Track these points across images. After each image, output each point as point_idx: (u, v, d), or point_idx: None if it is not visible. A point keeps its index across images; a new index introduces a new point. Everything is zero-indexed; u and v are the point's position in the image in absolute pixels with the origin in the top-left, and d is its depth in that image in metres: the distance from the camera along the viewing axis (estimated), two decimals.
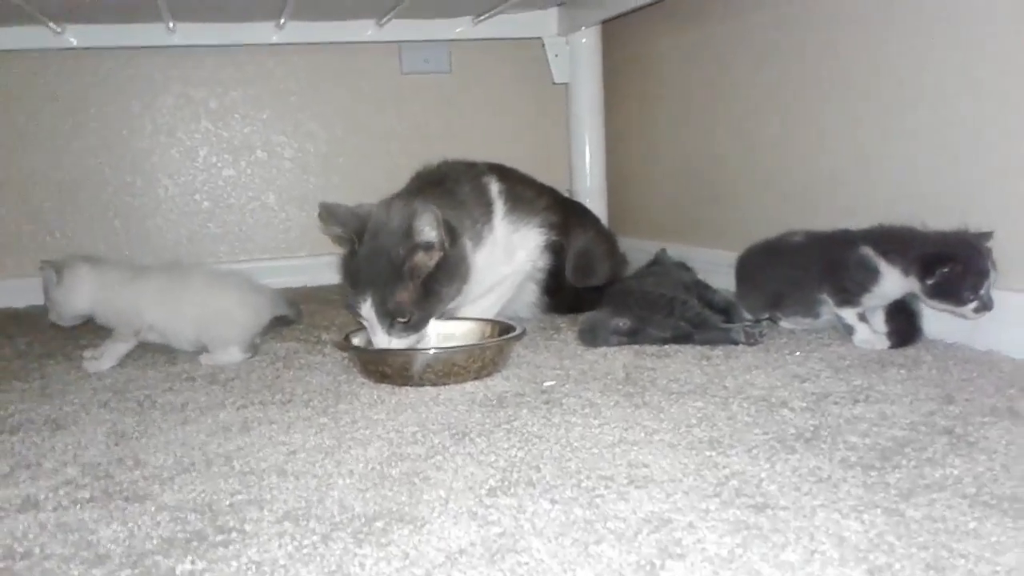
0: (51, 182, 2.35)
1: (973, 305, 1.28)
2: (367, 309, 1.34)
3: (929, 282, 1.30)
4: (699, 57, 2.09)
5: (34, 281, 2.27)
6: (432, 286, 1.36)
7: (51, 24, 2.05)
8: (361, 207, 1.43)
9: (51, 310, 1.59)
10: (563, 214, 1.82)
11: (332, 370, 1.44)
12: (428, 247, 1.35)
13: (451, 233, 1.39)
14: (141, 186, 2.42)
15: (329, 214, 1.40)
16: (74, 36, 2.15)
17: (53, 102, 2.34)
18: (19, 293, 2.28)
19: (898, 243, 1.35)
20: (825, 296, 1.43)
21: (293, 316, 1.77)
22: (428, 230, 1.34)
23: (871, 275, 1.37)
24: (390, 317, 1.33)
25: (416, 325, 1.36)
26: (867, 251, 1.38)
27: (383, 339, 1.35)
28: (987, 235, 1.31)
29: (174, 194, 2.44)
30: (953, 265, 1.28)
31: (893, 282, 1.36)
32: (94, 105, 2.37)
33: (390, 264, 1.33)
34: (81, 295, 1.56)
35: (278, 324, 1.72)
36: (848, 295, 1.40)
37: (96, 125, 2.38)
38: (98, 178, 2.39)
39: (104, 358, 1.52)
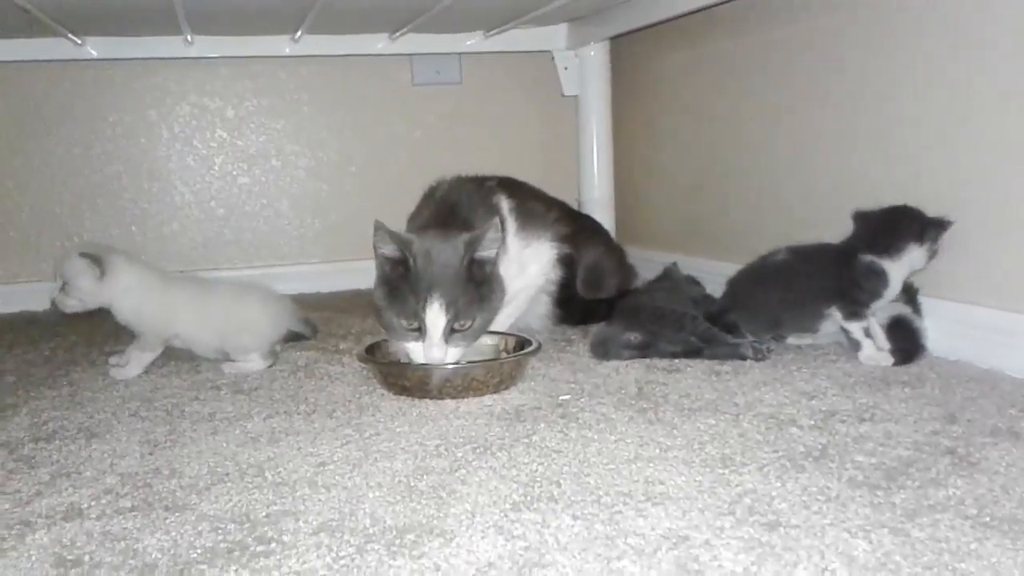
0: (70, 188, 2.40)
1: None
2: (434, 312, 1.35)
3: (939, 241, 1.43)
4: (706, 72, 2.13)
5: (51, 285, 2.34)
6: (487, 294, 1.42)
7: (72, 36, 2.10)
8: (402, 233, 1.48)
9: (70, 299, 1.57)
10: (573, 227, 1.87)
11: (352, 380, 1.48)
12: (485, 261, 1.42)
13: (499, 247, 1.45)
14: (158, 193, 2.47)
15: (384, 231, 1.41)
16: (94, 48, 2.20)
17: (73, 111, 2.38)
18: (38, 297, 2.33)
19: (884, 236, 1.45)
20: (832, 310, 1.48)
21: (308, 334, 1.81)
22: (494, 242, 1.41)
23: (881, 279, 1.44)
24: (455, 319, 1.36)
25: (472, 334, 1.40)
26: (867, 257, 1.45)
27: (439, 349, 1.36)
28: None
29: (190, 201, 2.49)
30: (945, 225, 1.43)
31: (899, 275, 1.45)
32: (112, 114, 2.41)
33: (455, 270, 1.38)
34: (125, 291, 1.56)
35: (292, 339, 1.76)
36: (858, 306, 1.45)
37: (114, 133, 2.42)
38: (116, 185, 2.44)
39: (131, 366, 1.56)
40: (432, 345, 1.36)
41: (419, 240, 1.43)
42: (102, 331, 1.94)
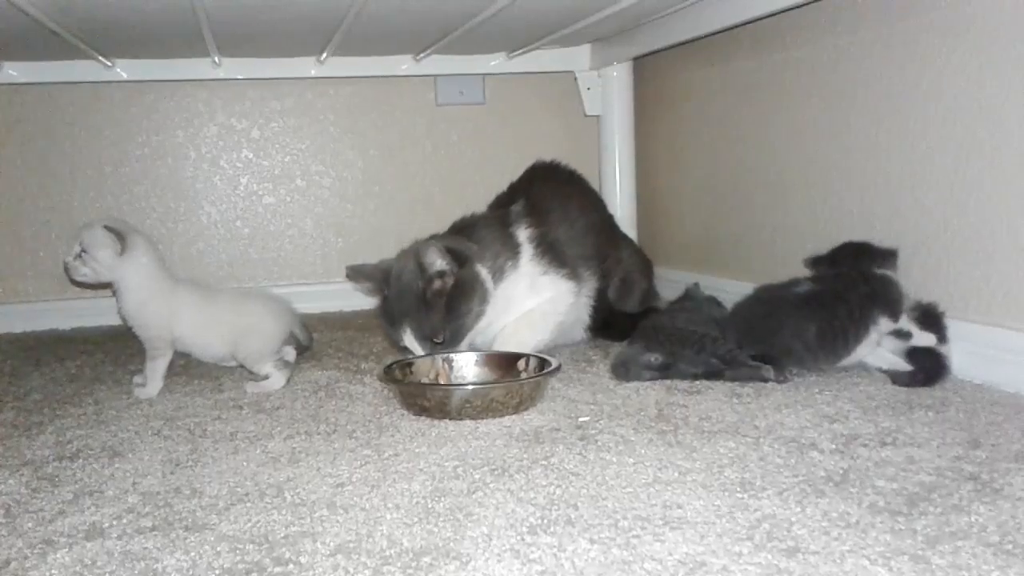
0: (99, 208, 2.43)
1: None
2: (408, 339, 1.59)
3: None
4: (729, 91, 2.13)
5: (79, 304, 2.39)
6: (453, 305, 1.58)
7: (102, 59, 2.14)
8: (383, 261, 1.68)
9: (84, 268, 1.57)
10: (605, 243, 1.93)
11: (373, 401, 1.49)
12: (441, 275, 1.58)
13: (458, 258, 1.59)
14: (184, 212, 2.50)
15: (356, 273, 1.66)
16: (124, 70, 2.24)
17: (102, 132, 2.42)
18: (66, 316, 2.38)
19: (879, 258, 1.52)
20: (883, 323, 1.47)
21: (305, 342, 1.82)
22: (438, 261, 1.57)
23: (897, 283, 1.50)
24: (428, 340, 1.57)
25: (451, 342, 1.59)
26: (884, 272, 1.50)
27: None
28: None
29: (216, 220, 2.52)
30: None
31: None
32: (140, 135, 2.45)
33: (415, 297, 1.58)
34: (136, 273, 1.58)
35: (294, 346, 1.78)
36: (900, 308, 1.48)
37: (142, 154, 2.46)
38: (143, 204, 2.47)
39: (150, 383, 1.58)
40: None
41: (396, 266, 1.62)
42: (128, 350, 1.97)
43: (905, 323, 1.47)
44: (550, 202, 1.86)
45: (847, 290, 1.48)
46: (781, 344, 1.49)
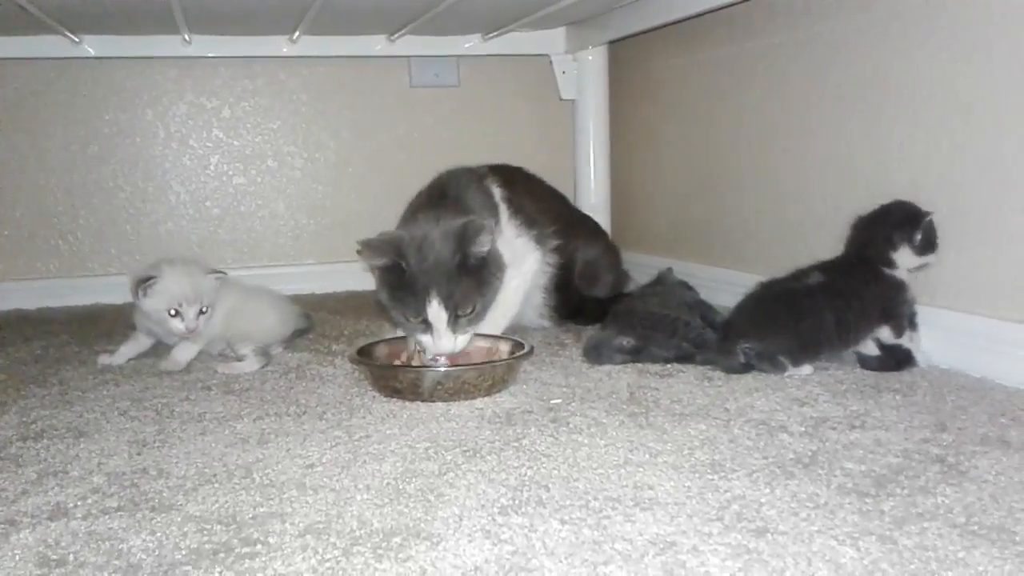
0: (65, 187, 2.40)
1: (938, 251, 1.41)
2: (434, 309, 1.40)
3: (919, 236, 1.40)
4: (704, 76, 2.13)
5: (44, 284, 2.35)
6: (484, 278, 1.46)
7: (69, 34, 2.09)
8: (387, 232, 1.51)
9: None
10: (568, 221, 1.88)
11: (344, 383, 1.48)
12: (479, 253, 1.45)
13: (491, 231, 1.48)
14: (153, 192, 2.46)
15: (369, 248, 1.45)
16: (92, 46, 2.19)
17: (69, 109, 2.38)
18: (30, 295, 2.34)
19: (886, 239, 1.43)
20: (883, 333, 1.43)
21: (309, 326, 1.85)
22: (488, 242, 1.44)
23: (907, 288, 1.44)
24: (455, 310, 1.41)
25: (477, 317, 1.44)
26: (887, 271, 1.43)
27: (448, 339, 1.41)
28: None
29: (185, 201, 2.49)
30: (927, 214, 1.41)
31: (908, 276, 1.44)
32: (108, 112, 2.41)
33: (448, 266, 1.42)
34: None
35: (297, 335, 1.80)
36: (905, 320, 1.44)
37: (110, 132, 2.42)
38: (111, 184, 2.43)
39: (120, 352, 1.61)
40: (440, 337, 1.41)
41: (408, 235, 1.45)
42: (94, 331, 1.94)
43: (905, 339, 1.43)
44: (512, 175, 1.84)
45: (861, 287, 1.44)
46: (802, 334, 1.42)
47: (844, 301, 1.42)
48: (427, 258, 1.42)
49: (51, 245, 2.40)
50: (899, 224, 1.42)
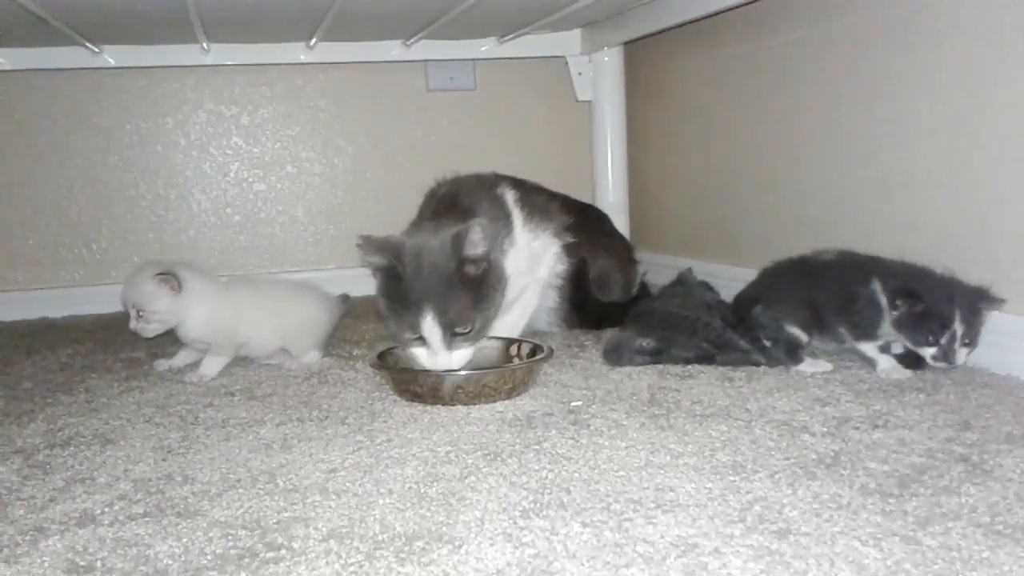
0: (87, 196, 2.42)
1: (932, 351, 1.34)
2: (428, 324, 1.34)
3: (893, 313, 1.37)
4: (720, 77, 2.13)
5: (69, 292, 2.38)
6: (484, 292, 1.40)
7: (89, 45, 2.12)
8: (392, 236, 1.46)
9: (150, 326, 1.57)
10: (580, 219, 1.85)
11: (365, 387, 1.49)
12: (482, 259, 1.39)
13: (491, 242, 1.42)
14: (174, 200, 2.49)
15: (369, 244, 1.40)
16: (112, 56, 2.22)
17: (90, 119, 2.41)
18: (56, 303, 2.37)
19: (898, 278, 1.38)
20: (843, 329, 1.44)
21: (349, 306, 1.87)
22: (480, 241, 1.37)
23: (879, 313, 1.39)
24: (451, 328, 1.35)
25: (476, 335, 1.39)
26: (876, 287, 1.40)
27: (443, 357, 1.36)
28: (983, 292, 1.33)
29: (206, 208, 2.51)
30: (914, 303, 1.33)
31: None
32: (129, 121, 2.44)
33: (444, 277, 1.36)
34: (199, 303, 1.58)
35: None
36: (863, 331, 1.42)
37: (131, 141, 2.44)
38: (133, 192, 2.46)
39: (209, 368, 1.60)
40: (435, 354, 1.36)
41: (410, 241, 1.41)
42: (119, 338, 1.96)
43: (869, 348, 1.43)
44: (524, 182, 1.82)
45: (833, 287, 1.45)
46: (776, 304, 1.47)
47: (848, 284, 1.42)
48: (423, 267, 1.36)
49: (75, 254, 2.43)
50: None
